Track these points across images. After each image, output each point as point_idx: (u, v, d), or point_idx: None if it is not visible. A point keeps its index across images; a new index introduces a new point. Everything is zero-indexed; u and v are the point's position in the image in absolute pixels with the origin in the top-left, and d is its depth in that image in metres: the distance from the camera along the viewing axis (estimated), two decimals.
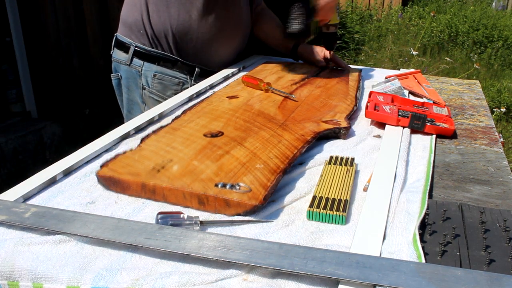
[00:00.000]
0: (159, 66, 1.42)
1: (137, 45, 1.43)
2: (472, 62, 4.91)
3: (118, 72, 1.51)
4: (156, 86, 1.43)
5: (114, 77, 1.53)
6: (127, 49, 1.45)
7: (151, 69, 1.43)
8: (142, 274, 0.61)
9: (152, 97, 1.45)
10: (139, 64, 1.44)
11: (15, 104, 3.12)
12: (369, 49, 5.30)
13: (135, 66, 1.45)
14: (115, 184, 0.80)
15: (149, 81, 1.43)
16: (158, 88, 1.44)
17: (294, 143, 0.94)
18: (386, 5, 6.76)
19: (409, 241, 0.67)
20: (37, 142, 3.04)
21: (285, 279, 0.60)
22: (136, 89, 1.47)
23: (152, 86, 1.44)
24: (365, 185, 0.83)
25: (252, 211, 0.73)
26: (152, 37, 1.41)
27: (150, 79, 1.43)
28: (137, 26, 1.42)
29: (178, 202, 0.77)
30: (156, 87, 1.44)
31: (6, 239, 0.67)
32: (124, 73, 1.48)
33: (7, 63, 3.04)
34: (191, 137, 0.96)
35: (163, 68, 1.42)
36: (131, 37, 1.44)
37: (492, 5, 7.02)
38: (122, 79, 1.50)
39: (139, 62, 1.43)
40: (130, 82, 1.48)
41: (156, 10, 1.38)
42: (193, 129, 1.00)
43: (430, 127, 1.07)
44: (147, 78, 1.43)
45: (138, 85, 1.46)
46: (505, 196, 0.84)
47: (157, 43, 1.41)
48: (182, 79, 1.44)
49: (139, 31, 1.42)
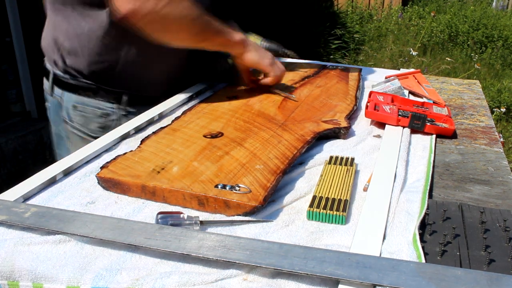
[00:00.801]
0: (79, 96, 1.18)
1: (55, 72, 1.20)
2: (473, 62, 4.92)
3: (47, 101, 1.28)
4: (78, 119, 1.20)
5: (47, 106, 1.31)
6: (48, 77, 1.24)
7: (71, 100, 1.19)
8: (142, 274, 0.61)
9: (74, 132, 1.22)
10: (59, 94, 1.21)
11: (15, 104, 3.12)
12: (369, 49, 5.30)
13: (56, 96, 1.22)
14: (115, 185, 0.80)
15: (70, 113, 1.20)
16: (80, 122, 1.20)
17: (294, 143, 0.94)
18: (386, 5, 6.77)
19: (409, 241, 0.67)
20: (37, 142, 3.04)
21: (285, 279, 0.60)
22: (60, 122, 1.25)
23: (74, 120, 1.20)
24: (365, 185, 0.83)
25: (251, 212, 0.73)
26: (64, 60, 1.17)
27: (71, 111, 1.20)
28: (50, 50, 1.20)
29: (178, 204, 0.77)
30: (77, 120, 1.20)
31: (6, 239, 0.67)
32: (50, 104, 1.27)
33: (7, 63, 3.04)
34: (191, 138, 0.96)
35: (84, 97, 1.17)
36: (49, 62, 1.22)
37: (492, 5, 7.02)
38: (49, 111, 1.28)
39: (59, 91, 1.20)
40: (54, 114, 1.26)
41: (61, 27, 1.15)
42: (193, 130, 1.00)
43: (430, 127, 1.07)
44: (68, 110, 1.20)
45: (60, 117, 1.23)
46: (505, 196, 0.84)
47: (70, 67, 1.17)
48: (107, 110, 1.18)
49: (53, 54, 1.19)
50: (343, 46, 5.16)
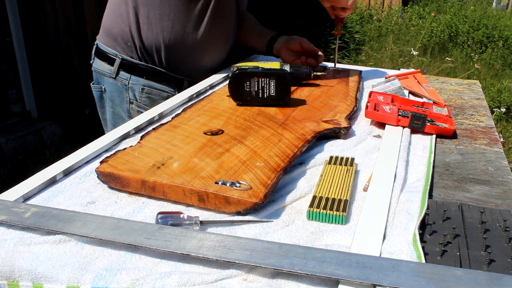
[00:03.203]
0: (147, 80, 1.37)
1: (124, 58, 1.36)
2: (473, 62, 4.92)
3: (101, 84, 1.42)
4: (145, 100, 1.38)
5: (96, 89, 1.45)
6: (111, 61, 1.38)
7: (139, 83, 1.37)
8: (142, 274, 0.61)
9: (140, 111, 1.38)
10: (125, 78, 1.37)
11: (15, 104, 3.12)
12: (369, 49, 5.30)
13: (121, 79, 1.38)
14: (114, 180, 0.80)
15: (137, 95, 1.37)
16: (146, 102, 1.38)
17: (295, 142, 0.94)
18: (386, 5, 6.77)
19: (409, 241, 0.67)
20: (37, 142, 3.04)
21: (285, 279, 0.60)
22: (122, 103, 1.40)
23: (141, 100, 1.38)
24: (365, 185, 0.83)
25: (252, 208, 0.73)
26: (141, 50, 1.35)
27: (138, 93, 1.37)
28: (124, 38, 1.35)
29: (178, 199, 0.77)
30: (144, 101, 1.38)
31: (6, 239, 0.67)
32: (109, 86, 1.41)
33: (7, 63, 3.05)
34: (191, 135, 0.96)
35: (151, 82, 1.37)
36: (117, 48, 1.37)
37: (492, 5, 7.02)
38: (106, 92, 1.43)
39: (126, 75, 1.37)
40: (115, 96, 1.41)
41: (147, 23, 1.32)
42: (193, 127, 1.00)
43: (430, 127, 1.07)
44: (134, 92, 1.37)
45: (124, 99, 1.39)
46: (505, 196, 0.84)
47: (146, 56, 1.36)
48: (170, 93, 1.39)
49: (126, 43, 1.35)
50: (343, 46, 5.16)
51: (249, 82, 1.13)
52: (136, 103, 1.38)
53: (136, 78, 1.37)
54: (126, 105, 1.40)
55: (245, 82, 1.13)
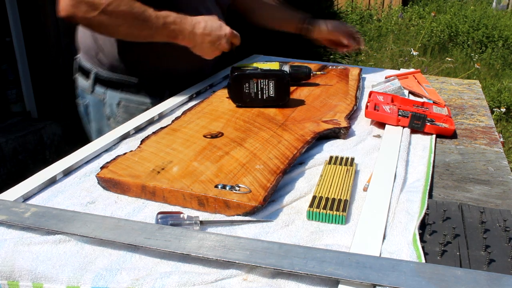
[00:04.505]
0: (123, 93, 1.28)
1: (97, 71, 1.28)
2: (473, 62, 4.91)
3: (85, 99, 1.35)
4: (122, 115, 1.28)
5: (82, 104, 1.37)
6: (88, 75, 1.31)
7: (115, 97, 1.28)
8: (142, 274, 0.61)
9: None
10: (101, 92, 1.30)
11: (15, 104, 3.12)
12: (369, 49, 5.30)
13: (98, 94, 1.30)
14: (115, 186, 0.80)
15: (114, 109, 1.29)
16: (124, 117, 1.27)
17: (294, 143, 0.94)
18: (386, 5, 6.77)
19: (409, 241, 0.67)
20: (37, 142, 3.04)
21: (285, 279, 0.60)
22: (102, 119, 1.33)
23: (118, 115, 1.29)
24: (365, 185, 0.83)
25: (251, 212, 0.73)
26: (107, 59, 1.26)
27: (114, 107, 1.29)
28: (92, 50, 1.28)
29: (178, 204, 0.77)
30: (121, 116, 1.28)
31: (6, 239, 0.67)
32: (88, 101, 1.33)
33: (7, 63, 3.04)
34: (191, 138, 0.96)
35: (128, 94, 1.28)
36: (90, 61, 1.30)
37: (492, 5, 7.02)
38: (90, 107, 1.35)
39: (101, 89, 1.29)
40: (95, 111, 1.33)
41: None
42: (193, 130, 1.00)
43: (430, 127, 1.07)
44: (111, 106, 1.29)
45: (102, 114, 1.32)
46: (505, 196, 0.84)
47: (114, 63, 1.26)
48: (149, 106, 1.26)
49: (96, 55, 1.28)
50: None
51: (248, 84, 1.13)
52: (114, 119, 1.30)
53: (112, 92, 1.29)
54: (105, 121, 1.32)
55: (244, 84, 1.13)
